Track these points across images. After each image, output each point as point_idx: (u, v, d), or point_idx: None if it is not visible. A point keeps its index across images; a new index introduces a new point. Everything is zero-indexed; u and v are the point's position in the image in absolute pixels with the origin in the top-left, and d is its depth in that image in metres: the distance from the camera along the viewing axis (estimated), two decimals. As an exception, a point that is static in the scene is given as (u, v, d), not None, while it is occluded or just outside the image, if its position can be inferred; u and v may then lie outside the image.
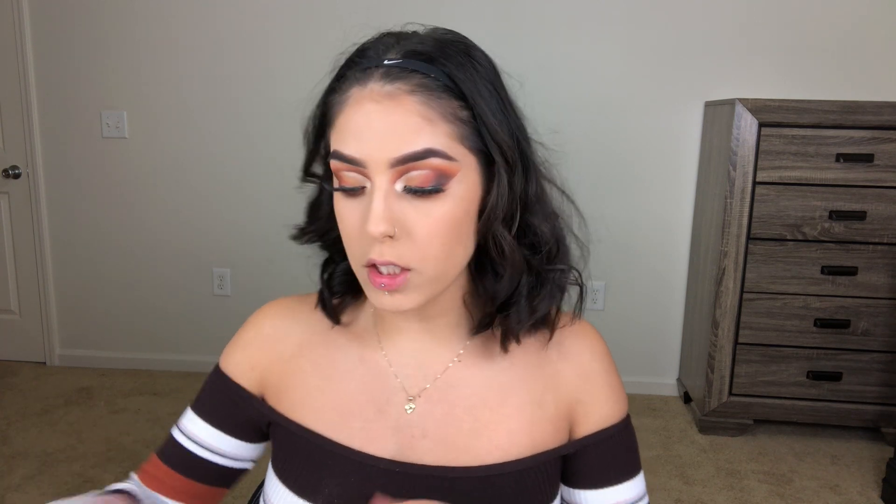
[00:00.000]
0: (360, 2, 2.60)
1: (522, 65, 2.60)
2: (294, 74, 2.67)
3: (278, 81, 2.69)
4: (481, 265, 0.64)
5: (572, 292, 0.68)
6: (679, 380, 2.77)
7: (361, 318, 0.71)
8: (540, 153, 0.65)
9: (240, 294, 2.87)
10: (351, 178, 0.57)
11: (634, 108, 2.62)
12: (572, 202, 0.68)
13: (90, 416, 2.48)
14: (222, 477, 0.73)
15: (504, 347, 0.66)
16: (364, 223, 0.56)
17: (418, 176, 0.55)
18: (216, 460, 0.72)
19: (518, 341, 0.66)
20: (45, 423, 2.40)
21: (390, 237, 0.55)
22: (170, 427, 2.49)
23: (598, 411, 0.69)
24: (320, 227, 0.67)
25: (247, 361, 0.72)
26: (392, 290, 0.57)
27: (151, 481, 0.72)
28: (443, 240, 0.57)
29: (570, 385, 0.69)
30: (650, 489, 2.04)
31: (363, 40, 0.61)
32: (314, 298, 0.73)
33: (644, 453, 2.26)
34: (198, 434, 0.72)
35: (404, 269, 0.57)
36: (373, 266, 0.57)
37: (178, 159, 2.80)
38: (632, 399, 2.71)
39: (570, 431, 0.70)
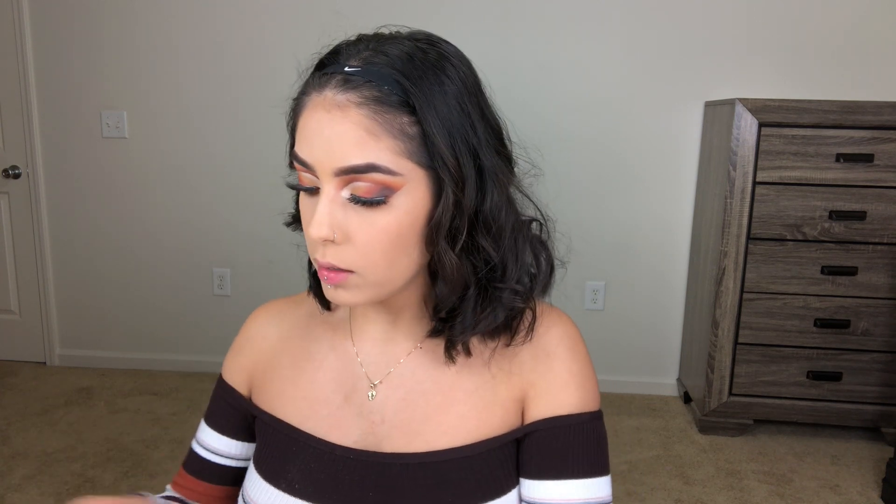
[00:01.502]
0: (360, 2, 2.60)
1: (522, 65, 2.61)
2: (293, 75, 2.65)
3: (278, 82, 2.69)
4: (434, 272, 0.64)
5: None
6: (679, 380, 2.77)
7: (340, 308, 0.74)
8: (521, 165, 0.65)
9: (240, 294, 2.87)
10: (307, 178, 0.60)
11: (634, 108, 2.62)
12: (543, 218, 0.67)
13: (90, 416, 2.48)
14: (238, 477, 0.79)
15: (449, 356, 0.66)
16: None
17: (362, 186, 0.57)
18: (229, 463, 0.78)
19: (468, 353, 0.66)
20: (45, 423, 2.40)
21: (332, 241, 0.58)
22: (170, 426, 2.51)
23: (553, 396, 0.66)
24: None
25: (238, 366, 0.77)
26: (335, 285, 0.60)
27: (182, 490, 0.79)
28: (384, 248, 0.58)
29: (525, 366, 0.67)
30: (650, 489, 2.04)
31: (324, 47, 0.63)
32: (301, 296, 0.77)
33: (644, 453, 2.26)
34: (210, 443, 0.78)
35: (346, 270, 0.59)
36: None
37: (178, 159, 2.80)
38: (631, 399, 2.71)
39: (523, 416, 0.68)
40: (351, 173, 0.56)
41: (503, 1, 2.59)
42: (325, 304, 0.73)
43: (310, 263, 0.72)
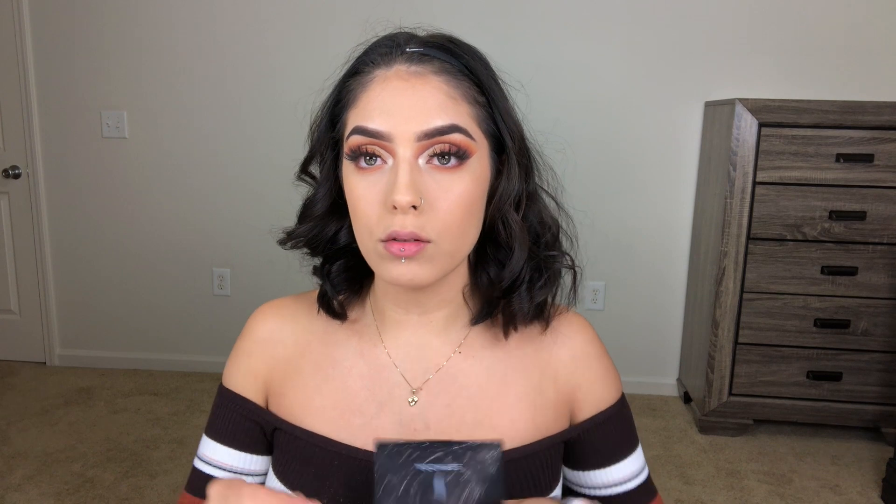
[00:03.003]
0: (359, 1, 2.60)
1: (522, 65, 2.61)
2: (294, 74, 2.67)
3: (278, 81, 2.69)
4: (482, 257, 0.67)
5: (566, 281, 0.71)
6: (679, 380, 2.77)
7: (362, 314, 0.72)
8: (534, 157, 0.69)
9: (240, 294, 2.87)
10: (372, 150, 0.59)
11: (634, 108, 2.62)
12: (555, 200, 0.70)
13: (90, 416, 2.48)
14: None
15: (506, 334, 0.68)
16: (388, 195, 0.57)
17: (441, 149, 0.58)
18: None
19: (516, 328, 0.68)
20: (45, 423, 2.40)
21: (414, 208, 0.57)
22: (170, 426, 2.49)
23: (595, 394, 0.72)
24: (309, 229, 0.67)
25: (248, 371, 0.72)
26: (409, 258, 0.58)
27: None
28: (461, 215, 0.59)
29: (567, 370, 0.71)
30: (650, 489, 2.04)
31: (373, 36, 0.65)
32: (311, 297, 0.73)
33: (644, 453, 2.26)
34: (217, 458, 0.71)
35: (424, 241, 0.58)
36: (390, 240, 0.58)
37: (178, 159, 2.80)
38: (631, 399, 2.71)
39: (571, 416, 0.72)
40: (434, 136, 0.57)
41: (503, 1, 2.59)
42: (339, 316, 0.70)
43: (322, 275, 0.69)
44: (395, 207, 0.56)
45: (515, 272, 0.65)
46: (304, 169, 0.67)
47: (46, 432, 2.34)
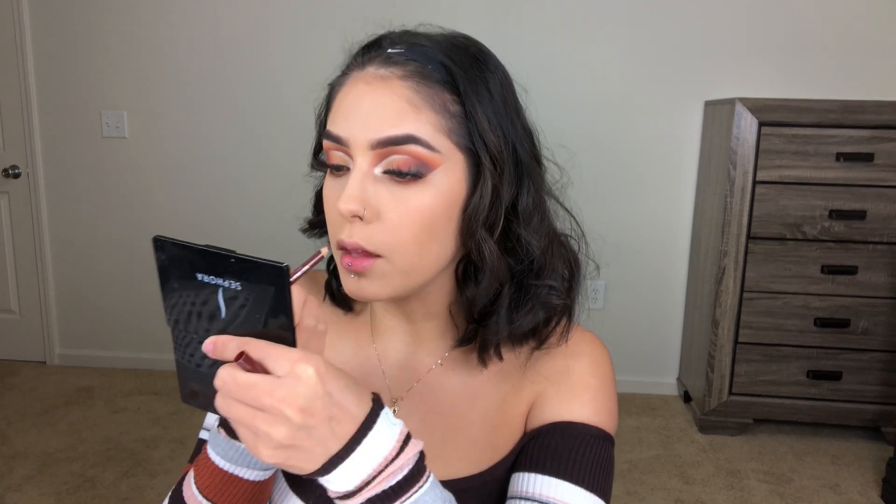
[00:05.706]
0: (360, 2, 2.60)
1: (523, 65, 2.59)
2: (294, 74, 2.67)
3: (278, 81, 2.69)
4: (466, 273, 0.62)
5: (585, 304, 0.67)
6: (679, 379, 2.77)
7: (363, 308, 0.72)
8: (553, 173, 0.65)
9: (240, 294, 2.87)
10: (337, 157, 0.57)
11: (634, 109, 2.61)
12: (576, 220, 0.66)
13: (90, 416, 2.48)
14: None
15: (482, 360, 0.63)
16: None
17: (398, 160, 0.55)
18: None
19: (500, 357, 0.63)
20: (45, 423, 2.40)
21: (360, 218, 0.55)
22: (170, 426, 2.47)
23: (561, 403, 0.63)
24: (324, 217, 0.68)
25: None
26: (358, 273, 0.56)
27: None
28: (415, 230, 0.55)
29: (538, 378, 0.65)
30: (650, 489, 2.04)
31: (377, 33, 0.63)
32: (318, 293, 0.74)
33: (644, 453, 2.26)
34: (214, 423, 0.71)
35: (373, 255, 0.55)
36: (342, 249, 0.57)
37: (179, 159, 2.80)
38: (632, 399, 2.71)
39: (525, 425, 0.66)
40: (389, 145, 0.54)
41: (503, 1, 2.59)
42: (347, 307, 0.69)
43: (327, 267, 0.69)
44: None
45: (487, 299, 0.61)
46: (315, 158, 0.66)
47: (46, 432, 2.34)
